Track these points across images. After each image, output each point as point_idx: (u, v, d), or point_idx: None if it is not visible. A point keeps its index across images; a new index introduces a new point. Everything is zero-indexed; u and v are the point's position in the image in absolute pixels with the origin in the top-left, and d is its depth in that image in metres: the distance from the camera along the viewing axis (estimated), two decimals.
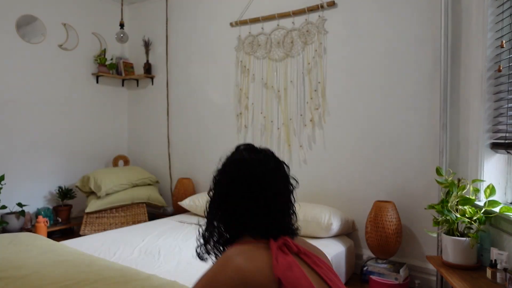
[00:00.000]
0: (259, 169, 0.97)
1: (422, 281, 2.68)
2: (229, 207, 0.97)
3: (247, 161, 0.98)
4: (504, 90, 2.03)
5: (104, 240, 2.62)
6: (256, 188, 0.95)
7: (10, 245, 2.07)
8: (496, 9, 2.07)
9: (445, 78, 2.51)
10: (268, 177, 0.97)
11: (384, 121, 2.89)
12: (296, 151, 3.33)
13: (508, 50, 1.98)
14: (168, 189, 4.32)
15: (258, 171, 0.96)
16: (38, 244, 2.08)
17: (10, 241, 2.12)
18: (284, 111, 3.37)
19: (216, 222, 1.01)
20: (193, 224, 3.16)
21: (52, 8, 3.94)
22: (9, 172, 3.54)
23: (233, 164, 1.00)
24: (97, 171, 3.88)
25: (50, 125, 3.95)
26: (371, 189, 2.93)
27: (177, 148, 4.27)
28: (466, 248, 1.92)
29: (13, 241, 2.13)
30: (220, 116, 3.86)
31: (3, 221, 3.39)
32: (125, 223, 3.74)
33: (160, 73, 4.40)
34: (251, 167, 0.97)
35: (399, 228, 2.65)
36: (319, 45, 3.16)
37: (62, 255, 1.92)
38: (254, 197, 0.94)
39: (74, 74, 4.16)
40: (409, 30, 2.76)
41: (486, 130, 2.12)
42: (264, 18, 3.46)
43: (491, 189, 1.93)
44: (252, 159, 0.99)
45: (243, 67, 3.63)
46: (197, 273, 2.18)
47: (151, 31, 4.46)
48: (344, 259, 2.70)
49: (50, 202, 3.96)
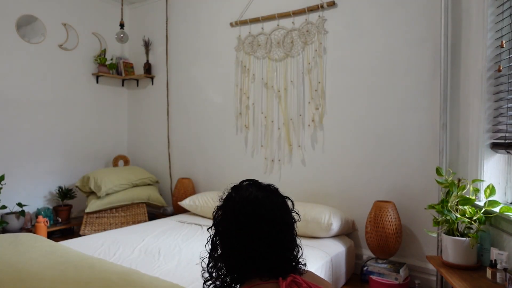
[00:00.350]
0: (269, 207, 0.95)
1: (422, 281, 2.68)
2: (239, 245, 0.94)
3: (257, 199, 0.96)
4: (504, 90, 2.03)
5: (104, 240, 2.62)
6: (268, 226, 0.93)
7: (10, 246, 2.07)
8: (496, 9, 2.07)
9: (445, 78, 2.51)
10: (278, 214, 0.96)
11: (384, 121, 2.89)
12: (296, 151, 3.33)
13: (508, 50, 1.98)
14: (168, 189, 4.32)
15: (269, 209, 0.95)
16: (39, 246, 2.07)
17: (11, 242, 2.11)
18: (284, 111, 3.37)
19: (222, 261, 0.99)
20: (193, 224, 3.17)
21: (52, 8, 3.94)
22: (9, 172, 3.54)
23: (243, 202, 0.96)
24: (97, 171, 3.88)
25: (50, 125, 3.95)
26: (371, 189, 2.93)
27: (177, 148, 4.27)
28: (466, 248, 1.92)
29: (13, 242, 2.12)
30: (220, 116, 3.86)
31: (3, 221, 3.39)
32: (125, 223, 3.75)
33: (160, 73, 4.40)
34: (262, 206, 0.95)
35: (399, 228, 2.65)
36: (319, 45, 3.16)
37: (63, 256, 1.91)
38: (266, 235, 0.93)
39: (74, 74, 4.16)
40: (409, 30, 2.76)
41: (486, 130, 2.12)
42: (264, 18, 3.46)
43: (491, 189, 1.93)
44: (263, 197, 0.97)
45: (243, 67, 3.63)
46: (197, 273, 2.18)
47: (151, 31, 4.46)
48: (344, 259, 2.70)
49: (50, 202, 3.96)
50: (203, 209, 3.40)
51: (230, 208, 0.98)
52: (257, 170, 3.55)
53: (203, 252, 2.57)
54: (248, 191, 0.98)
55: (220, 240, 1.00)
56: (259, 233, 0.92)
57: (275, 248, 0.93)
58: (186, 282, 1.87)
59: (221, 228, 0.99)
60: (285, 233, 0.96)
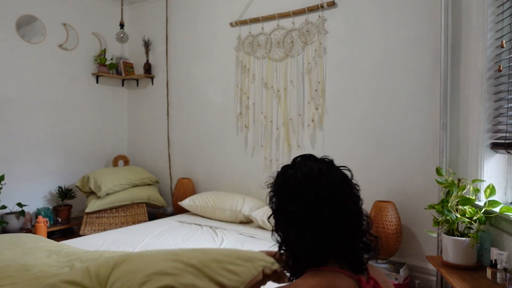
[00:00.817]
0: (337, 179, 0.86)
1: (422, 281, 2.68)
2: (314, 227, 0.83)
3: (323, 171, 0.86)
4: (504, 90, 2.03)
5: (104, 240, 2.62)
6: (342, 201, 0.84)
7: (14, 246, 2.07)
8: (496, 9, 2.07)
9: (445, 78, 2.51)
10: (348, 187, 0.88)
11: (384, 121, 2.89)
12: (296, 151, 3.32)
13: (508, 50, 1.98)
14: (168, 189, 4.32)
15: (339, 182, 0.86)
16: (42, 246, 2.08)
17: (14, 243, 2.12)
18: (283, 111, 3.37)
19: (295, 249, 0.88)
20: (193, 224, 3.17)
21: (52, 8, 3.94)
22: (9, 172, 3.54)
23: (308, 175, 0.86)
24: (97, 171, 3.88)
25: (50, 125, 3.95)
26: (371, 189, 2.93)
27: (177, 148, 4.27)
28: (466, 248, 1.92)
29: (16, 242, 2.12)
30: (220, 116, 3.86)
31: (3, 221, 3.39)
32: (125, 223, 3.74)
33: (160, 73, 4.40)
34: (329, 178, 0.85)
35: (399, 228, 2.64)
36: (319, 45, 3.16)
37: (68, 256, 1.91)
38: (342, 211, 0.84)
39: (74, 74, 4.16)
40: (409, 30, 2.76)
41: (486, 130, 2.12)
42: (264, 18, 3.46)
43: (491, 189, 1.93)
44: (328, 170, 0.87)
45: (243, 67, 3.63)
46: None
47: (151, 31, 4.46)
48: None
49: (50, 202, 3.96)
50: (203, 209, 3.40)
51: (294, 186, 0.86)
52: (257, 170, 3.55)
53: None
54: (308, 165, 0.88)
55: (287, 226, 0.88)
56: (336, 207, 0.83)
57: (354, 226, 0.85)
58: None
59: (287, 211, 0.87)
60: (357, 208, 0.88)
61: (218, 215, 3.30)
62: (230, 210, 3.23)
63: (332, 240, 0.83)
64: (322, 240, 0.82)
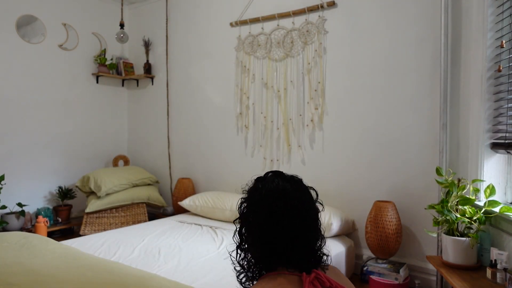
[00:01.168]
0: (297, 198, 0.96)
1: (422, 281, 2.68)
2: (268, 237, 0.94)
3: (285, 190, 0.96)
4: (504, 90, 2.03)
5: (104, 240, 2.62)
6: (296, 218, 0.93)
7: (23, 248, 2.07)
8: (496, 9, 2.07)
9: (445, 78, 2.51)
10: (306, 206, 0.97)
11: (384, 121, 2.89)
12: (295, 151, 3.33)
13: (508, 50, 1.98)
14: (168, 189, 4.32)
15: (297, 200, 0.95)
16: (51, 249, 2.08)
17: (22, 245, 2.12)
18: (283, 111, 3.37)
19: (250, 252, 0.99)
20: (193, 224, 3.17)
21: (52, 8, 3.94)
22: (9, 172, 3.54)
23: (272, 193, 0.96)
24: (97, 171, 3.88)
25: (50, 125, 3.95)
26: (371, 189, 2.93)
27: (177, 148, 4.27)
28: (466, 248, 1.92)
29: (25, 244, 2.13)
30: (220, 116, 3.86)
31: (3, 221, 3.39)
32: (125, 223, 3.75)
33: (160, 73, 4.40)
34: (291, 197, 0.95)
35: (399, 228, 2.65)
36: (319, 45, 3.16)
37: (77, 259, 1.92)
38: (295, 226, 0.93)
39: (74, 74, 4.16)
40: (409, 30, 2.76)
41: (486, 130, 2.12)
42: (264, 18, 3.46)
43: (491, 189, 1.93)
44: (292, 189, 0.97)
45: (243, 67, 3.63)
46: (197, 273, 2.18)
47: (151, 31, 4.46)
48: (344, 259, 2.70)
49: (50, 202, 3.96)
50: (203, 209, 3.40)
51: (258, 200, 0.97)
52: (257, 170, 3.55)
53: (203, 252, 2.56)
54: (274, 183, 0.98)
55: (247, 232, 0.99)
56: (289, 224, 0.92)
57: (303, 239, 0.94)
58: (186, 282, 1.87)
59: (250, 220, 0.98)
60: (312, 223, 0.97)
61: (218, 215, 3.30)
62: (230, 210, 3.23)
63: (282, 252, 0.93)
64: (273, 250, 0.93)
